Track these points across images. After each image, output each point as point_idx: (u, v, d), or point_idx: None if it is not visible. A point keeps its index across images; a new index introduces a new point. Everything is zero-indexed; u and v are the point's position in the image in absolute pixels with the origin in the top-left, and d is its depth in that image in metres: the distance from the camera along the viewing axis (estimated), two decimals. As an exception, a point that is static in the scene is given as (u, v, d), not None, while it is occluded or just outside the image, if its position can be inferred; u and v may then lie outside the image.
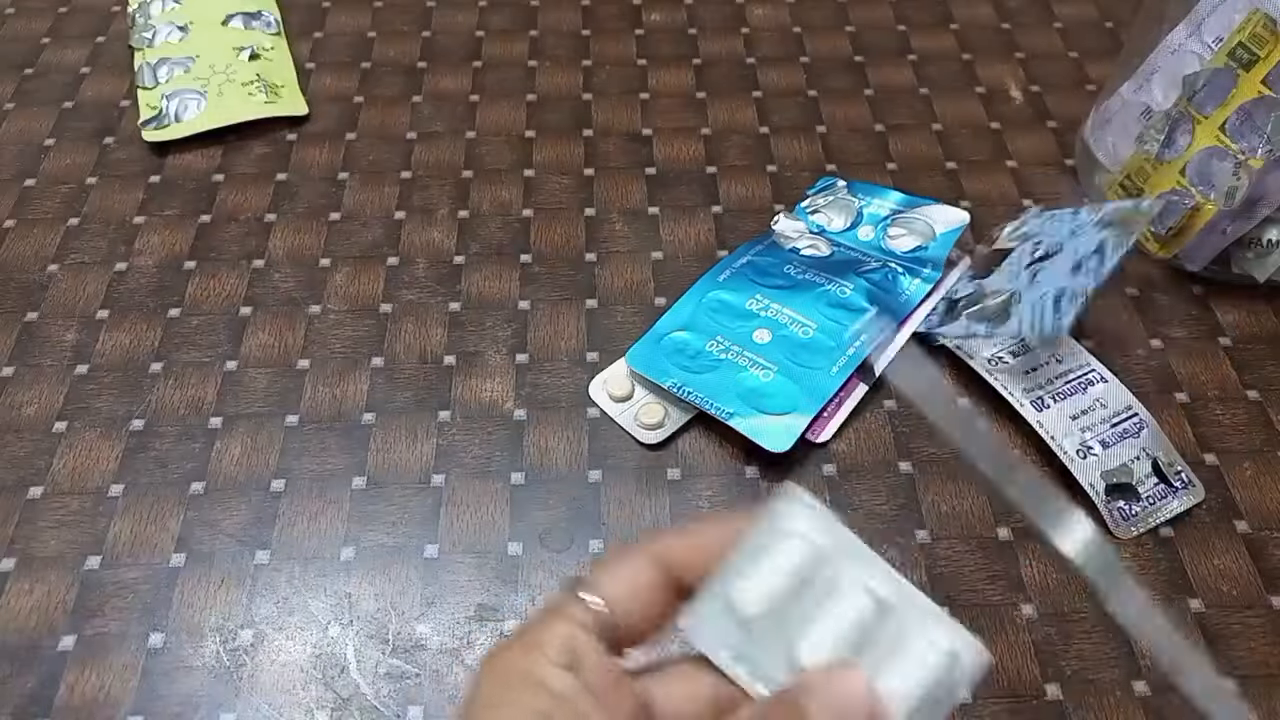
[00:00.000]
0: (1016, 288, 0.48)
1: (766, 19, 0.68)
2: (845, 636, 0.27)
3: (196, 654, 0.39)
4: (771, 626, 0.27)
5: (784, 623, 0.27)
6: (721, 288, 0.50)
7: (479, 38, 0.66)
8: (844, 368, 0.47)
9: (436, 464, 0.45)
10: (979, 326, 0.48)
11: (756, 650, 0.27)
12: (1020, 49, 0.66)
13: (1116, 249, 0.47)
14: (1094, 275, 0.46)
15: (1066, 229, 0.49)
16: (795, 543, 0.27)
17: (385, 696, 0.38)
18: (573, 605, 0.28)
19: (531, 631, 0.27)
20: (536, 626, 0.27)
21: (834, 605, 0.27)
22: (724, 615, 0.27)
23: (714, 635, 0.27)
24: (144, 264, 0.53)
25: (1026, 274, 0.48)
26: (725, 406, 0.45)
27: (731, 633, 0.27)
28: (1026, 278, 0.48)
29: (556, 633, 0.27)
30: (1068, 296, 0.46)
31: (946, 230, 0.52)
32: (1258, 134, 0.47)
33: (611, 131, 0.60)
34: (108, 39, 0.65)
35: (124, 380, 0.48)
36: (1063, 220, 0.50)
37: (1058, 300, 0.46)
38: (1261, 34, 0.46)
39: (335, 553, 0.42)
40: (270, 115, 0.60)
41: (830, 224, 0.54)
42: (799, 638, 0.27)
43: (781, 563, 0.27)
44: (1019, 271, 0.49)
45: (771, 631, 0.27)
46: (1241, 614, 0.41)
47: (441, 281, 0.52)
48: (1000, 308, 0.48)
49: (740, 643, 0.27)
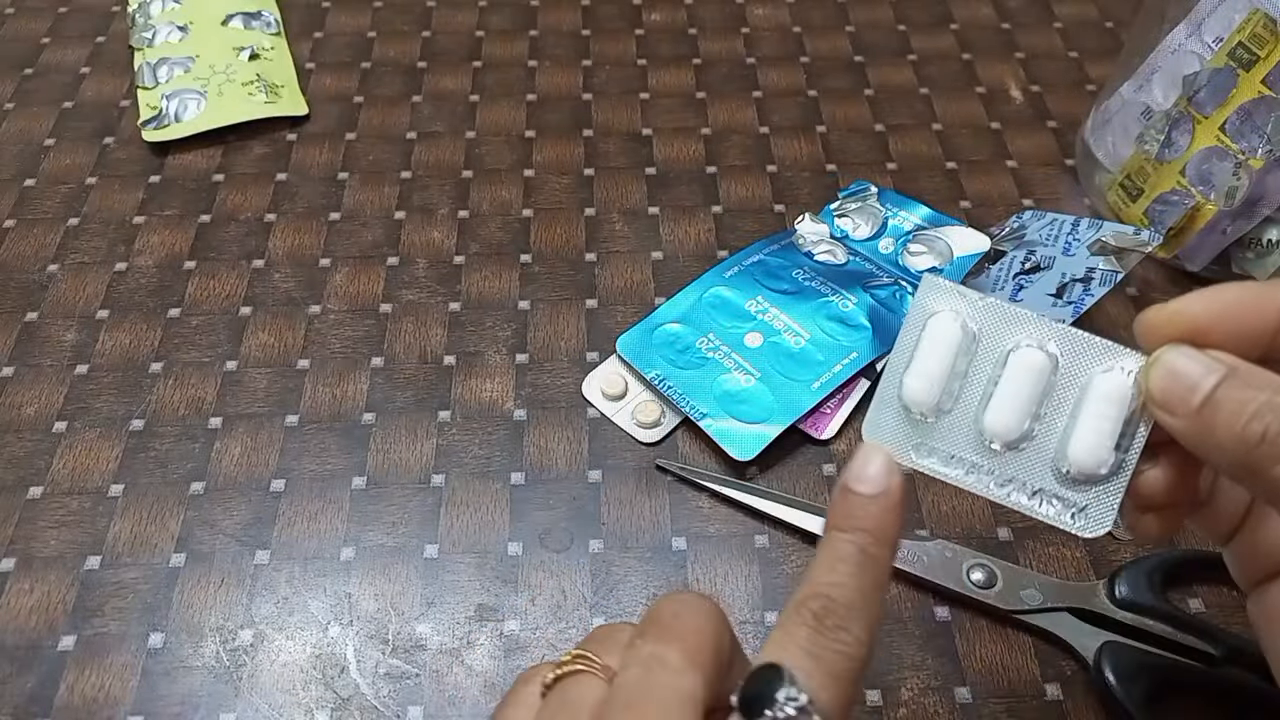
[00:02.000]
0: (999, 300, 0.48)
1: (766, 19, 0.68)
2: (1023, 394, 0.27)
3: (196, 654, 0.39)
4: (949, 410, 0.28)
5: (960, 401, 0.28)
6: (725, 284, 0.50)
7: (479, 38, 0.66)
8: (825, 384, 0.46)
9: (436, 464, 0.45)
10: None
11: (941, 439, 0.27)
12: (1020, 49, 0.66)
13: (1104, 283, 0.47)
14: (1074, 308, 0.46)
15: (1060, 244, 0.49)
16: (946, 322, 0.28)
17: (385, 696, 0.38)
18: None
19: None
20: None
21: (1003, 370, 0.28)
22: (900, 414, 0.28)
23: (895, 438, 0.28)
24: (144, 264, 0.53)
25: (1012, 284, 0.48)
26: (700, 406, 0.45)
27: (912, 430, 0.28)
28: (1011, 289, 0.48)
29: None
30: None
31: (964, 255, 0.51)
32: (1258, 134, 0.47)
33: (611, 131, 0.60)
34: (108, 39, 0.65)
35: (124, 380, 0.48)
36: (1060, 227, 0.50)
37: None
38: (1261, 34, 0.46)
39: (335, 553, 0.42)
40: (270, 115, 0.60)
41: (854, 231, 0.53)
42: (981, 411, 0.27)
43: (940, 347, 0.28)
44: (1005, 280, 0.49)
45: (951, 415, 0.28)
46: (1243, 614, 0.41)
47: (441, 281, 0.52)
48: None
49: (923, 436, 0.28)
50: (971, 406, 0.28)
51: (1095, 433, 0.27)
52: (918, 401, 0.28)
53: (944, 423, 0.28)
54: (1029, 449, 0.27)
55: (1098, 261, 0.48)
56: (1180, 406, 0.25)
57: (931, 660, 0.39)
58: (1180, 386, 0.25)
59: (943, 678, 0.39)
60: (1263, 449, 0.24)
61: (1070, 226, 0.50)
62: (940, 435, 0.27)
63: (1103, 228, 0.49)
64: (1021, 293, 0.48)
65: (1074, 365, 0.28)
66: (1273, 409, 0.24)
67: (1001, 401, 0.27)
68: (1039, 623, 0.40)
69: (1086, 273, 0.47)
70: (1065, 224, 0.50)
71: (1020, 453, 0.27)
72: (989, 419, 0.28)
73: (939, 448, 0.27)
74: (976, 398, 0.28)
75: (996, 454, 0.28)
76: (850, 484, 0.25)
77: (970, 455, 0.28)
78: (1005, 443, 0.27)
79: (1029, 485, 0.27)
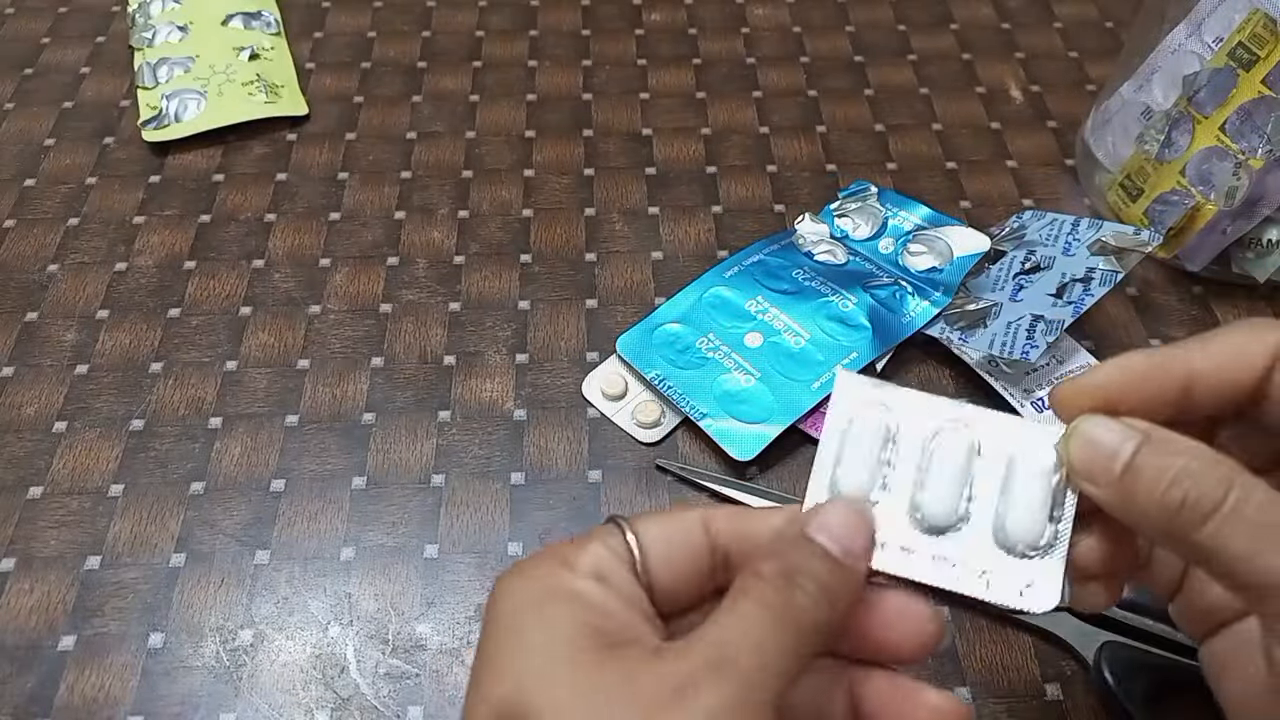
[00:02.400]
0: (999, 299, 0.48)
1: (766, 19, 0.68)
2: (952, 478, 0.28)
3: (196, 654, 0.39)
4: (879, 501, 0.28)
5: (893, 491, 0.28)
6: (725, 284, 0.50)
7: (479, 38, 0.66)
8: (826, 384, 0.46)
9: (436, 464, 0.45)
10: (954, 333, 0.47)
11: (880, 530, 0.28)
12: (1020, 49, 0.66)
13: (1104, 283, 0.47)
14: (1074, 308, 0.46)
15: (1060, 244, 0.49)
16: (868, 417, 0.29)
17: (385, 696, 0.38)
18: (607, 534, 0.27)
19: (557, 551, 0.27)
20: (563, 548, 0.27)
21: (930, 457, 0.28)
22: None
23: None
24: (144, 264, 0.53)
25: (1012, 284, 0.48)
26: (700, 406, 0.45)
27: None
28: (1011, 289, 0.48)
29: (587, 551, 0.27)
30: (1043, 326, 0.46)
31: (964, 255, 0.50)
32: (1258, 134, 0.47)
33: (611, 131, 0.60)
34: (108, 39, 0.65)
35: (124, 380, 0.48)
36: (1060, 227, 0.50)
37: (1032, 327, 0.46)
38: (1261, 34, 0.46)
39: (335, 553, 0.42)
40: (270, 115, 0.60)
41: (854, 230, 0.53)
42: (915, 497, 0.28)
43: (865, 441, 0.29)
44: (1005, 280, 0.49)
45: (883, 504, 0.28)
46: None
47: (441, 281, 0.52)
48: (978, 316, 0.48)
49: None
50: (905, 495, 0.28)
51: (1027, 508, 0.27)
52: (853, 497, 0.28)
53: (879, 512, 0.28)
54: (966, 530, 0.28)
55: (1098, 261, 0.48)
56: (1102, 476, 0.26)
57: (931, 660, 0.39)
58: (1100, 455, 0.26)
59: (942, 678, 0.39)
60: (1184, 514, 0.24)
61: (1070, 226, 0.50)
62: (879, 526, 0.28)
63: (1103, 228, 0.49)
64: (1021, 293, 0.48)
65: (997, 443, 0.28)
66: (1190, 474, 0.25)
67: (933, 488, 0.28)
68: (1039, 623, 0.40)
69: (1086, 273, 0.47)
70: (1065, 224, 0.50)
71: (958, 534, 0.28)
72: (925, 505, 0.28)
73: (880, 539, 0.28)
74: (908, 486, 0.28)
75: (936, 539, 0.28)
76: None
77: (910, 542, 0.28)
78: (941, 527, 0.28)
79: (973, 567, 0.28)
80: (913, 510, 0.28)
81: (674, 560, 0.27)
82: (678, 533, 0.28)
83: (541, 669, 0.24)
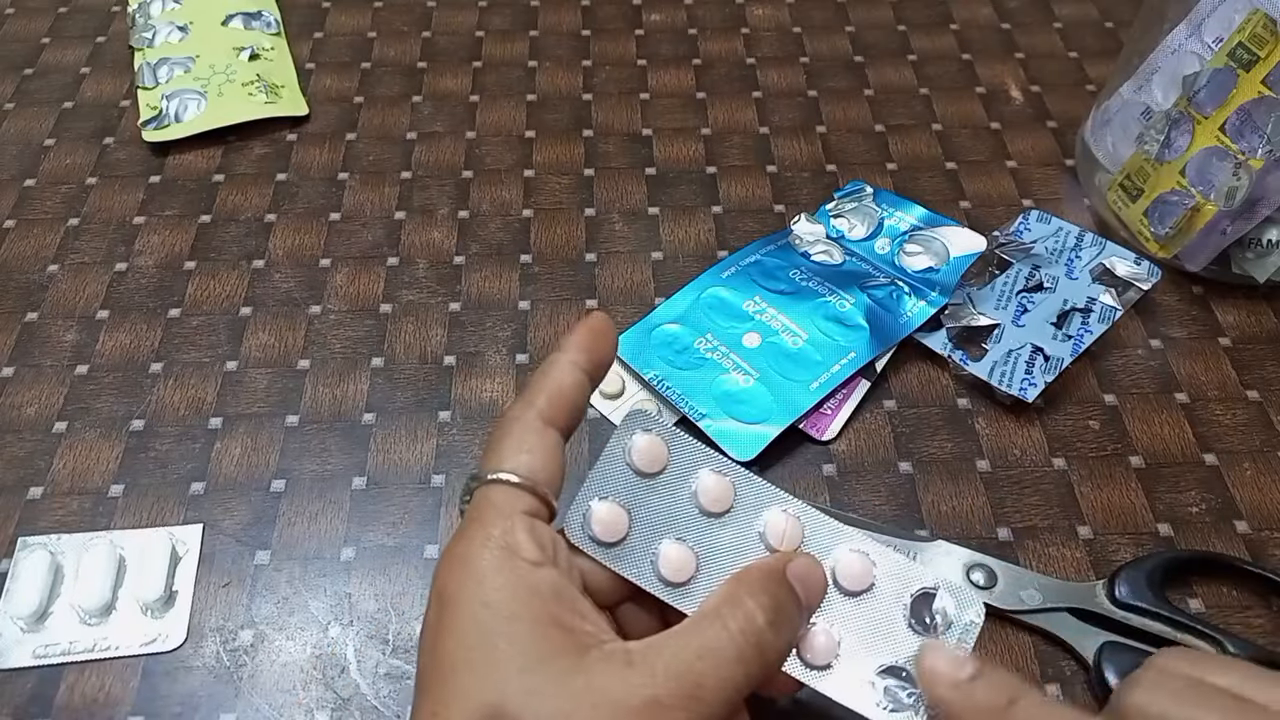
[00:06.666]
0: (1001, 320, 0.48)
1: (766, 19, 0.68)
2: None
3: (196, 654, 0.39)
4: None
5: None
6: (723, 284, 0.50)
7: (479, 38, 0.66)
8: (824, 385, 0.46)
9: (437, 464, 0.45)
10: (956, 352, 0.48)
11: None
12: (1020, 49, 0.66)
13: (1103, 319, 0.47)
14: (1073, 345, 0.47)
15: (1064, 261, 0.50)
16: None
17: (385, 696, 0.38)
18: (506, 493, 0.28)
19: (489, 537, 0.28)
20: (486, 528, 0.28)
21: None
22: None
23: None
24: (144, 264, 0.53)
25: (1015, 303, 0.49)
26: (699, 407, 0.45)
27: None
28: (1015, 309, 0.48)
29: (517, 528, 0.28)
30: (1042, 363, 0.46)
31: (960, 255, 0.51)
32: (1258, 134, 0.47)
33: (611, 131, 0.60)
34: (108, 39, 0.65)
35: (124, 380, 0.48)
36: (1064, 239, 0.51)
37: (1031, 361, 0.46)
38: (1261, 34, 0.46)
39: (335, 553, 0.42)
40: (270, 115, 0.60)
41: (850, 231, 0.53)
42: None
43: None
44: (1010, 297, 0.49)
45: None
46: (1243, 614, 0.41)
47: (441, 281, 0.52)
48: (979, 335, 0.48)
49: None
50: (648, 526, 0.32)
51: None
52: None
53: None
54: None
55: (1098, 292, 0.48)
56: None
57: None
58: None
59: (943, 678, 0.39)
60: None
61: (1074, 240, 0.50)
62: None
63: (1105, 248, 0.50)
64: (1024, 316, 0.48)
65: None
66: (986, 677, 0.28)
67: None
68: (1039, 623, 0.40)
69: (1087, 303, 0.48)
70: (1070, 236, 0.51)
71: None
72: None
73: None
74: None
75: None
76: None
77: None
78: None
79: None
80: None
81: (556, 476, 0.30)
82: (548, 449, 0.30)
83: (521, 682, 0.25)
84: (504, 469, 0.29)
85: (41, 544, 0.42)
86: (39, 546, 0.41)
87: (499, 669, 0.25)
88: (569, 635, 0.26)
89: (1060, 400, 0.47)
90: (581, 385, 0.31)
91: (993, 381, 0.46)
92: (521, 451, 0.29)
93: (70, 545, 0.42)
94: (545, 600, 0.26)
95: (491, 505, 0.28)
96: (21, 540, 0.42)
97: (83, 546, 0.41)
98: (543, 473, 0.29)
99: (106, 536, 0.42)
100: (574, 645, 0.26)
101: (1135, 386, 0.48)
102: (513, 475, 0.28)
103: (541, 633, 0.26)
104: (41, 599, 0.39)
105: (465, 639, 0.26)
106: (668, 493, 0.31)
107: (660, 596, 0.30)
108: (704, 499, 0.31)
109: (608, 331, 0.32)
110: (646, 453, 0.31)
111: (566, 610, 0.27)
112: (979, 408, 0.47)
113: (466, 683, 0.25)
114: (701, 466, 0.32)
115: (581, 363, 0.31)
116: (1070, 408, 0.47)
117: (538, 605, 0.26)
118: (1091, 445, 0.46)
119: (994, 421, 0.47)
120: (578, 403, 0.31)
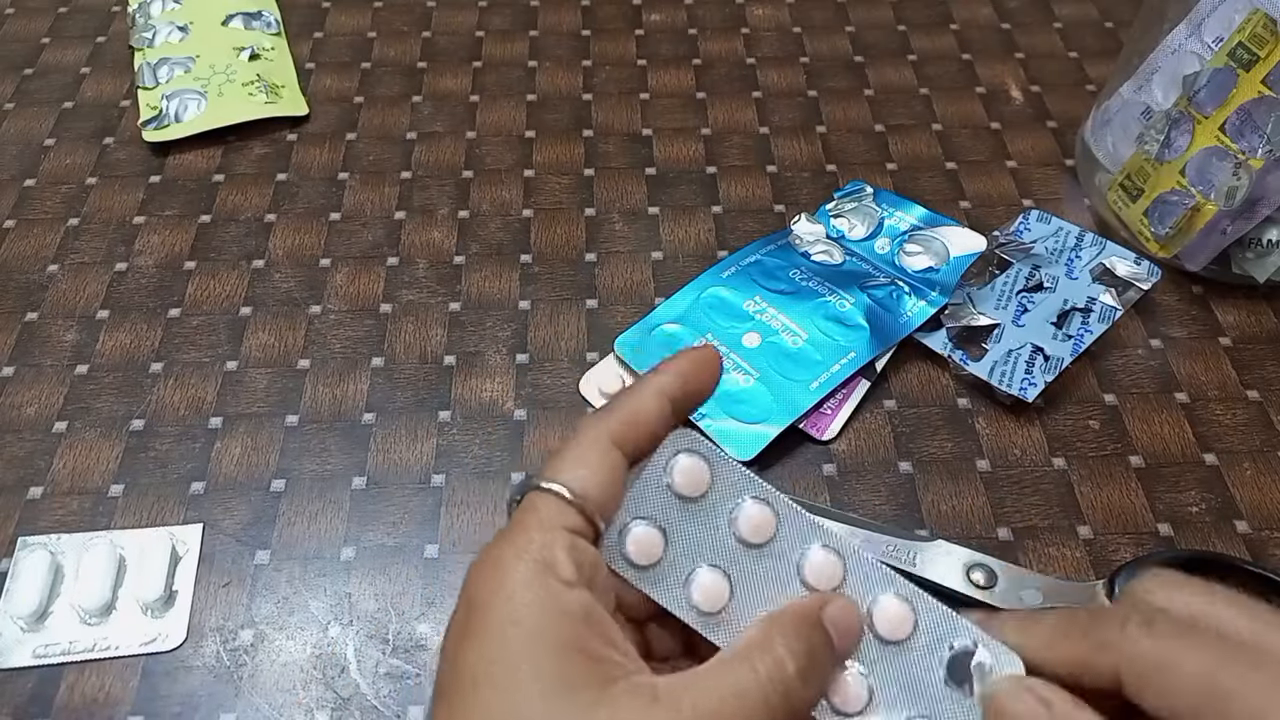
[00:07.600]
0: (1002, 320, 0.48)
1: (766, 19, 0.68)
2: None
3: (196, 654, 0.39)
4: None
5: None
6: (723, 284, 0.50)
7: (479, 38, 0.66)
8: (824, 384, 0.46)
9: (436, 464, 0.45)
10: (956, 352, 0.48)
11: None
12: (1020, 49, 0.66)
13: (1102, 319, 0.47)
14: (1073, 345, 0.47)
15: (1064, 261, 0.50)
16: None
17: (385, 696, 0.38)
18: (553, 505, 0.28)
19: (528, 548, 0.27)
20: (527, 538, 0.27)
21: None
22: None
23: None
24: (144, 264, 0.53)
25: (1015, 303, 0.49)
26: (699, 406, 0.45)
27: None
28: (1015, 309, 0.48)
29: (557, 544, 0.27)
30: (1042, 363, 0.46)
31: (960, 255, 0.51)
32: (1258, 134, 0.47)
33: (611, 131, 0.60)
34: (108, 39, 0.66)
35: (124, 380, 0.48)
36: (1064, 240, 0.51)
37: (1031, 360, 0.46)
38: (1261, 34, 0.46)
39: (335, 553, 0.42)
40: (270, 115, 0.60)
41: (850, 231, 0.53)
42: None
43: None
44: (1010, 297, 0.49)
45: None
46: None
47: (441, 281, 0.52)
48: (979, 335, 0.48)
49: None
50: (682, 550, 0.30)
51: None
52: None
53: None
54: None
55: (1098, 292, 0.48)
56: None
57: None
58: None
59: (943, 678, 0.39)
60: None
61: (1074, 240, 0.50)
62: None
63: (1105, 248, 0.50)
64: (1024, 316, 0.48)
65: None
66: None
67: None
68: (1039, 623, 0.40)
69: (1087, 302, 0.48)
70: (1070, 236, 0.51)
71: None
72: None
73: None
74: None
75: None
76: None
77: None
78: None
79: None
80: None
81: (610, 498, 0.29)
82: (607, 467, 0.28)
83: (544, 708, 0.25)
84: (559, 480, 0.28)
85: (41, 544, 0.42)
86: (39, 546, 0.41)
87: (520, 691, 0.25)
88: (595, 664, 0.25)
89: (1060, 400, 0.47)
90: (663, 414, 0.30)
91: (993, 381, 0.46)
92: (581, 466, 0.28)
93: (70, 545, 0.42)
94: (575, 623, 0.26)
95: (537, 515, 0.27)
96: (21, 540, 0.42)
97: (83, 546, 0.41)
98: (596, 491, 0.28)
99: (106, 536, 0.42)
100: (599, 676, 0.25)
101: (1135, 386, 0.48)
102: (565, 489, 0.28)
103: (567, 658, 0.25)
104: (41, 599, 0.39)
105: (487, 652, 0.26)
106: (706, 518, 0.30)
107: (690, 624, 0.29)
108: (744, 528, 0.30)
109: (712, 365, 0.31)
110: (688, 475, 0.30)
111: (595, 636, 0.26)
112: (979, 407, 0.47)
113: (488, 699, 0.25)
114: (745, 494, 0.30)
115: (671, 390, 0.30)
116: (1070, 407, 0.47)
117: (566, 627, 0.26)
118: (1091, 445, 0.46)
119: (994, 421, 0.47)
120: (655, 431, 0.29)
